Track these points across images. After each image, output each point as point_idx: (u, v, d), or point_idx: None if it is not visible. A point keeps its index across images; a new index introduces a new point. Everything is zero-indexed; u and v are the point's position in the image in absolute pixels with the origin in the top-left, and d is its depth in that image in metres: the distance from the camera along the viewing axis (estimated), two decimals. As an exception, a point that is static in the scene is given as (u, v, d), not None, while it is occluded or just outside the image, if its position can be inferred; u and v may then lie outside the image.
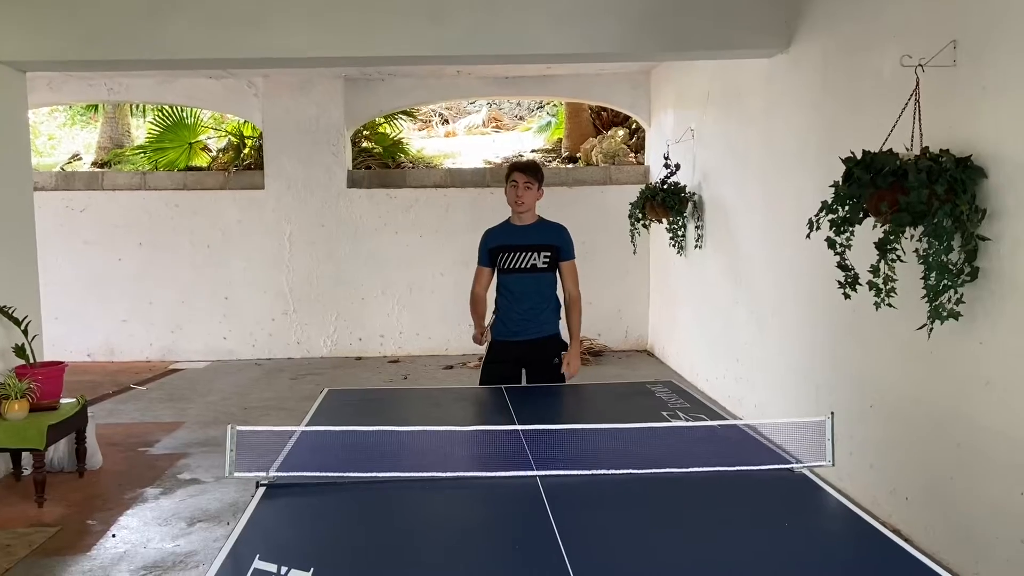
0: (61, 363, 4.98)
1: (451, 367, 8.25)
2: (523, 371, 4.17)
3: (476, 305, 4.26)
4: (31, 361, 4.83)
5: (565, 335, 4.22)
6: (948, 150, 3.31)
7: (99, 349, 8.95)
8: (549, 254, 4.13)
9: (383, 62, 6.60)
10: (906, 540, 2.02)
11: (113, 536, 4.12)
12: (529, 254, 4.11)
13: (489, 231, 4.27)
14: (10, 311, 4.87)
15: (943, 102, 3.47)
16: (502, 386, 3.99)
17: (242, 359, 8.93)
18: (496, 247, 4.16)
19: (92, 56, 5.23)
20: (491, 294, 4.30)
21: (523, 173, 4.13)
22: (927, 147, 3.39)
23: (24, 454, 4.88)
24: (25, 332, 4.85)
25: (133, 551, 3.93)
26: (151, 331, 8.98)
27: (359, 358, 8.97)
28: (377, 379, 7.91)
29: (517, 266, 4.12)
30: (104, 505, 4.56)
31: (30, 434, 4.45)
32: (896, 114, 3.57)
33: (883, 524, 2.12)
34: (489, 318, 4.26)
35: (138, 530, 4.21)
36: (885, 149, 3.44)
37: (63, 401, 4.88)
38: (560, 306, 4.27)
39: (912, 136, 3.48)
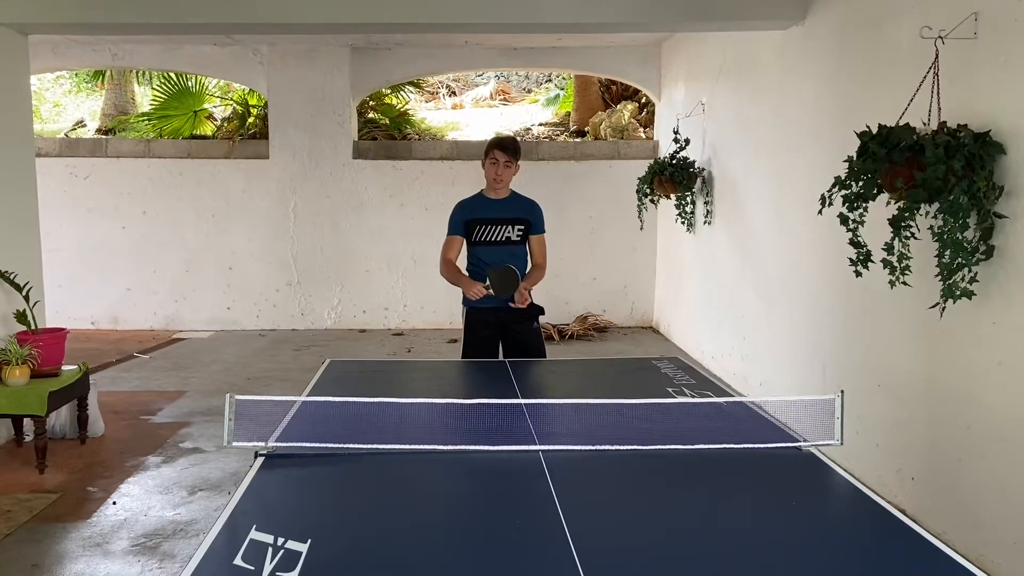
0: (62, 330, 4.95)
1: (455, 340, 8.20)
2: (500, 339, 4.20)
3: (452, 269, 4.22)
4: (32, 327, 4.81)
5: (539, 300, 4.27)
6: (966, 125, 3.23)
7: (103, 317, 8.95)
8: (523, 228, 4.22)
9: (390, 29, 6.50)
10: (911, 520, 1.97)
11: (114, 503, 4.12)
12: (504, 227, 4.20)
13: (463, 203, 4.32)
14: (11, 276, 4.84)
15: (962, 76, 3.38)
16: (506, 360, 3.96)
17: (246, 329, 8.92)
18: (472, 219, 4.22)
19: (95, 19, 5.14)
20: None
21: (504, 152, 4.17)
22: (945, 122, 3.31)
23: (26, 420, 4.87)
24: (26, 298, 4.82)
25: (133, 519, 3.93)
26: (155, 300, 8.96)
27: (363, 330, 8.94)
28: (381, 351, 7.90)
29: (491, 239, 4.20)
30: (105, 472, 4.55)
31: (31, 400, 4.44)
32: (914, 88, 3.48)
33: (889, 503, 2.08)
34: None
35: (139, 498, 4.20)
36: (902, 123, 3.35)
37: (65, 368, 4.86)
38: None
39: (930, 110, 3.39)
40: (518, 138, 9.72)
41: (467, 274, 4.24)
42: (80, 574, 3.38)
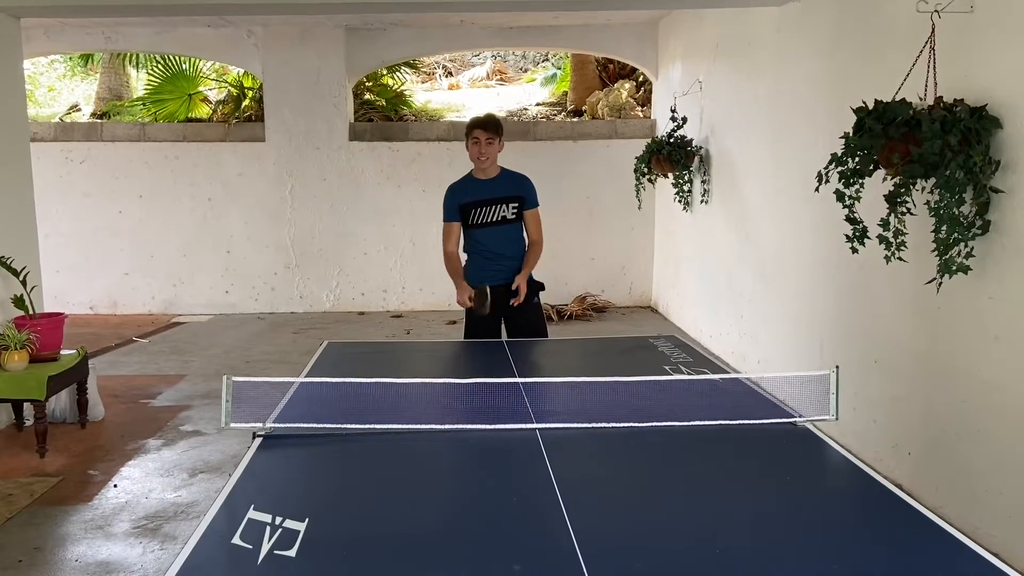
0: (60, 314, 4.96)
1: (454, 322, 8.22)
2: (502, 316, 4.20)
3: (453, 263, 4.24)
4: (30, 312, 4.81)
5: (537, 276, 4.28)
6: (963, 99, 3.22)
7: (101, 302, 8.95)
8: (516, 205, 4.21)
9: (384, 9, 6.46)
10: (907, 495, 1.99)
11: (115, 486, 4.14)
12: (498, 207, 4.18)
13: (453, 187, 4.28)
14: (8, 261, 4.83)
15: (959, 49, 3.36)
16: (503, 340, 3.97)
17: (244, 313, 8.92)
18: (466, 203, 4.19)
19: (87, 1, 5.12)
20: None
21: (484, 130, 4.14)
22: (941, 96, 3.29)
23: (25, 405, 4.88)
24: (24, 283, 4.82)
25: (134, 501, 3.95)
26: (153, 284, 8.96)
27: (362, 313, 8.95)
28: (380, 334, 7.90)
29: (488, 220, 4.18)
30: (106, 456, 4.57)
31: (30, 385, 4.45)
32: (910, 63, 3.46)
33: (885, 478, 2.09)
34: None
35: (139, 480, 4.22)
36: (898, 99, 3.34)
37: (64, 352, 4.87)
38: None
39: (926, 85, 3.38)
40: (505, 118, 9.69)
41: (466, 255, 4.26)
42: (82, 556, 3.40)
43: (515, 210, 4.19)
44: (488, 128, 4.13)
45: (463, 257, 4.32)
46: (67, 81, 12.54)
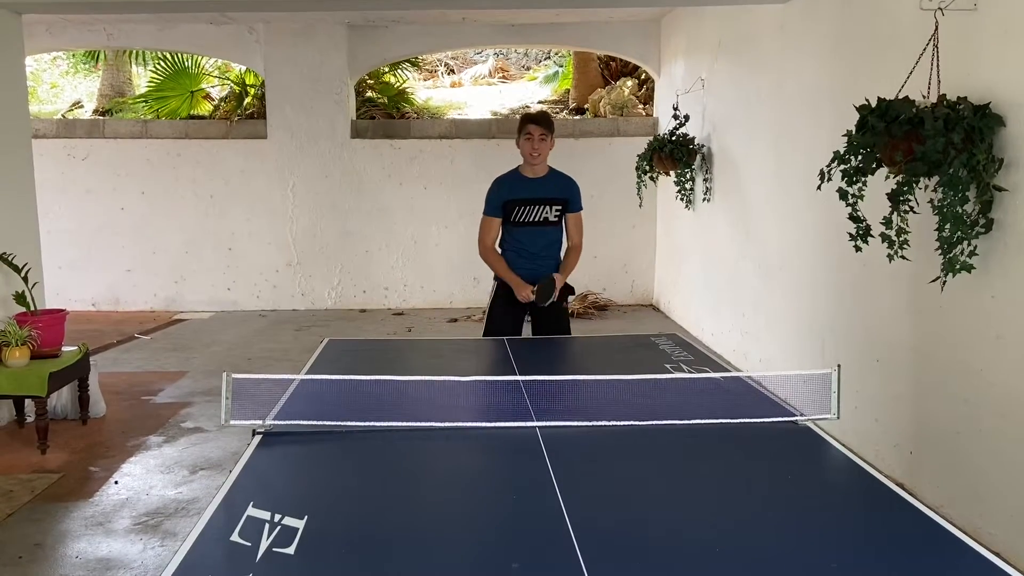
0: (61, 311, 4.96)
1: (455, 320, 8.22)
2: (528, 315, 4.19)
3: (496, 260, 4.17)
4: (32, 308, 4.81)
5: (568, 279, 4.26)
6: (966, 97, 3.21)
7: (103, 298, 8.95)
8: (560, 208, 4.17)
9: (386, 5, 6.45)
10: (909, 494, 1.98)
11: (115, 483, 4.14)
12: (542, 208, 4.14)
13: (501, 181, 4.20)
14: (9, 258, 4.84)
15: (962, 47, 3.35)
16: (504, 338, 3.96)
17: (246, 310, 8.92)
18: (511, 200, 4.13)
19: (88, -3, 5.11)
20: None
21: (538, 125, 4.10)
22: (944, 94, 3.28)
23: (27, 401, 4.89)
24: (25, 279, 4.82)
25: (135, 498, 3.95)
26: (155, 281, 8.96)
27: (363, 310, 8.95)
28: (381, 331, 7.90)
29: (530, 220, 4.13)
30: (107, 452, 4.57)
31: (31, 381, 4.45)
32: (913, 60, 3.45)
33: (886, 477, 2.08)
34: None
35: (140, 477, 4.22)
36: (901, 96, 3.33)
37: (65, 349, 4.87)
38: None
39: (929, 83, 3.37)
40: (507, 115, 9.68)
41: (499, 250, 4.20)
42: (82, 553, 3.40)
43: (558, 213, 4.15)
44: (542, 124, 4.10)
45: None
46: (70, 78, 12.54)
